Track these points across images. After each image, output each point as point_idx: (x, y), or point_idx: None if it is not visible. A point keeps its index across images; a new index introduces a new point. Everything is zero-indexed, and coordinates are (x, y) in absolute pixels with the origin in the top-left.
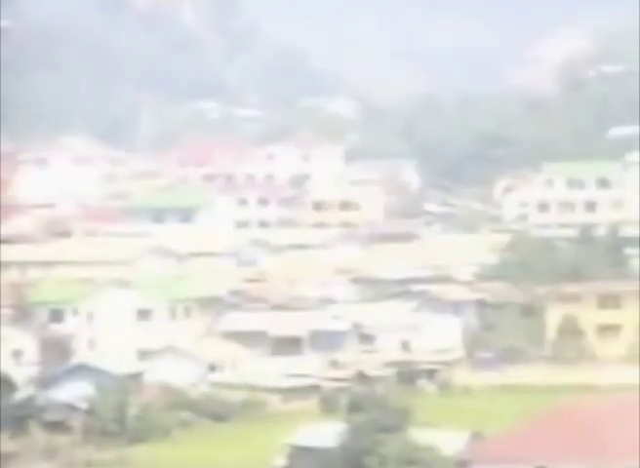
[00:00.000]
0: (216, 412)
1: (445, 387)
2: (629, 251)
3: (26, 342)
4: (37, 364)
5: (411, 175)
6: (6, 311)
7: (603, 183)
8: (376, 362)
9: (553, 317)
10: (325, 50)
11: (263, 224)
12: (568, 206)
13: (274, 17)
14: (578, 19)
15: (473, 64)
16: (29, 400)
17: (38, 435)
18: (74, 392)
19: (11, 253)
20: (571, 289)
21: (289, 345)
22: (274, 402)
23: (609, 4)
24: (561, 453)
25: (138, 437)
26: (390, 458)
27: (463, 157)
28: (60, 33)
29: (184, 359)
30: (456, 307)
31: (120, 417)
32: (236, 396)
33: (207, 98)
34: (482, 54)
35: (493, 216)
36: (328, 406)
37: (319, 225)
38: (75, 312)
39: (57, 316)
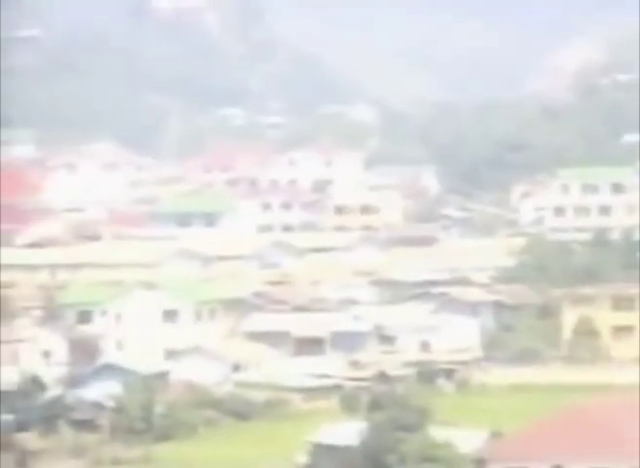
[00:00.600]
0: (240, 411)
1: (463, 386)
2: None
3: (55, 343)
4: (66, 364)
5: (429, 181)
6: (36, 312)
7: (617, 188)
8: (396, 362)
9: (569, 318)
10: (345, 58)
11: (286, 228)
12: (583, 210)
13: (296, 26)
14: (592, 28)
15: (490, 72)
16: (58, 399)
17: (67, 433)
18: (102, 391)
19: (41, 256)
20: (586, 291)
21: (311, 346)
22: (297, 401)
23: (622, 14)
24: (577, 452)
25: (164, 435)
26: (410, 456)
27: (481, 162)
28: (88, 42)
29: (209, 359)
30: (473, 309)
31: (147, 416)
32: (260, 395)
33: (231, 106)
34: (499, 62)
35: (510, 221)
36: (349, 405)
37: (340, 229)
38: (103, 313)
39: (85, 317)
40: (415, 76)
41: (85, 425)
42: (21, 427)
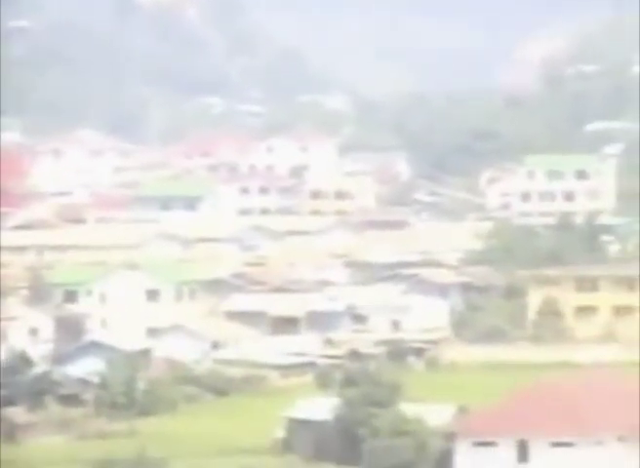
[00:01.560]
0: (219, 387)
1: (432, 364)
2: (605, 237)
3: (42, 321)
4: (52, 341)
5: (401, 167)
6: (23, 292)
7: (581, 175)
8: (368, 340)
9: (534, 299)
10: (322, 50)
11: (264, 212)
12: (548, 196)
13: (275, 19)
14: (558, 21)
15: (460, 63)
16: (45, 375)
17: (53, 408)
18: (87, 368)
19: (28, 237)
20: (550, 273)
21: (287, 325)
22: (273, 377)
23: (587, 6)
24: (541, 426)
25: (146, 410)
26: (382, 430)
27: (451, 150)
28: (74, 33)
29: (190, 337)
30: (442, 290)
31: (130, 391)
32: (238, 372)
33: (211, 94)
34: (468, 53)
35: (478, 205)
36: (323, 381)
37: (316, 213)
38: (88, 293)
39: (71, 296)
40: (388, 68)
41: (70, 400)
42: (9, 402)
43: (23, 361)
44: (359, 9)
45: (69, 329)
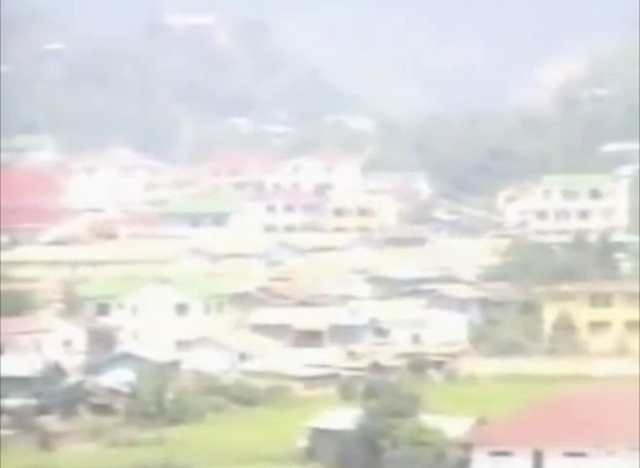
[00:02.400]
0: (245, 398)
1: (451, 377)
2: (618, 255)
3: (76, 333)
4: (85, 352)
5: (421, 186)
6: (58, 305)
7: (595, 194)
8: (389, 353)
9: (549, 314)
10: (346, 72)
11: (289, 228)
12: (563, 214)
13: (300, 42)
14: (574, 44)
15: (479, 86)
16: (78, 385)
17: (86, 416)
18: (118, 378)
19: (63, 253)
20: (566, 288)
21: (311, 338)
22: (297, 389)
23: (602, 32)
24: (556, 438)
25: (175, 419)
26: (402, 440)
27: (470, 169)
28: (107, 55)
29: (217, 349)
30: (461, 305)
31: (159, 401)
32: (263, 383)
33: (239, 115)
34: (487, 77)
35: (495, 223)
36: (346, 392)
37: (339, 230)
38: (120, 306)
39: (103, 309)
40: (410, 90)
41: (102, 409)
42: (44, 411)
43: (57, 371)
44: (382, 32)
45: (101, 340)
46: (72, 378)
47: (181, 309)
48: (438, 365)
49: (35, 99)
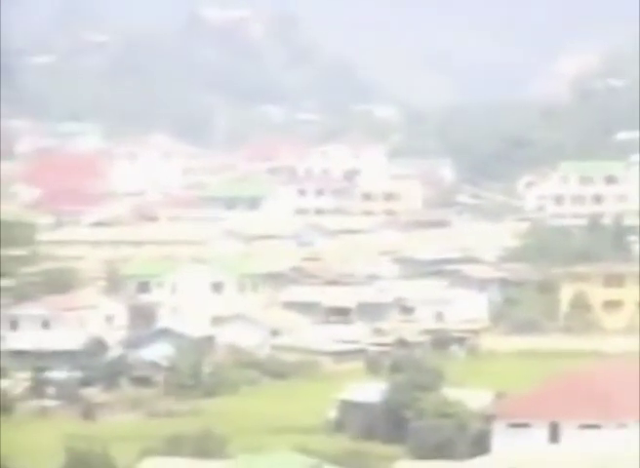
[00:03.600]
0: (276, 371)
1: (473, 352)
2: (631, 237)
3: (117, 310)
4: (126, 328)
5: (445, 171)
6: (101, 283)
7: (609, 180)
8: (414, 330)
9: (566, 293)
10: (373, 63)
11: (319, 212)
12: (579, 199)
13: (330, 34)
14: (589, 37)
15: (499, 77)
16: (119, 359)
17: (126, 388)
18: (157, 352)
19: (106, 233)
20: (581, 269)
21: (340, 315)
22: (326, 363)
23: (616, 25)
24: (572, 411)
25: (210, 391)
26: (426, 412)
27: (490, 156)
28: (148, 47)
29: (251, 325)
30: (482, 284)
31: (196, 374)
32: (294, 357)
33: (272, 103)
34: (507, 67)
35: (515, 207)
36: (372, 367)
37: (366, 213)
38: (159, 284)
39: (144, 287)
40: (434, 81)
41: (142, 381)
42: (87, 383)
43: (100, 346)
44: (409, 27)
45: (142, 316)
46: (114, 352)
47: (217, 287)
48: (460, 341)
49: (80, 89)
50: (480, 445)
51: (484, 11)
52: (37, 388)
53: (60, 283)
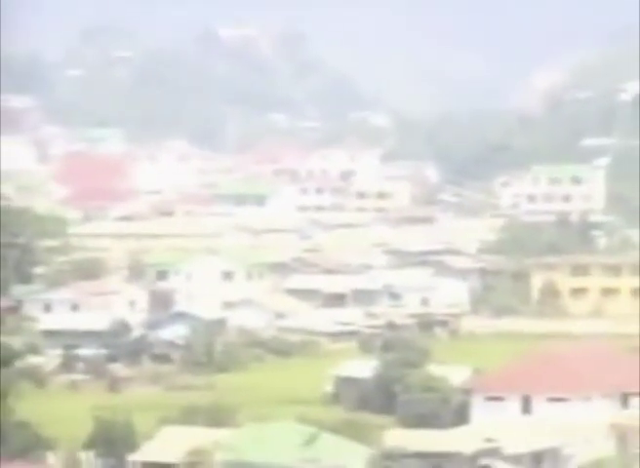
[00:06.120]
0: (281, 350)
1: (454, 334)
2: (595, 232)
3: (139, 295)
4: (147, 311)
5: (431, 173)
6: (124, 271)
7: (576, 181)
8: (402, 314)
9: (537, 282)
10: (368, 75)
11: (319, 208)
12: (549, 198)
13: (330, 49)
14: (560, 56)
15: (480, 88)
16: (141, 338)
17: (147, 365)
18: (174, 333)
19: (128, 227)
20: (551, 260)
21: (336, 300)
22: (325, 343)
23: (582, 45)
24: (541, 385)
25: (222, 367)
26: (413, 386)
27: (471, 159)
28: (167, 61)
29: (257, 309)
30: (463, 273)
31: (209, 352)
32: (296, 338)
33: (277, 112)
34: (487, 80)
35: (493, 205)
36: (365, 346)
37: (361, 210)
38: (176, 273)
39: (162, 275)
40: (423, 92)
41: (161, 358)
42: (112, 359)
43: (124, 327)
44: (401, 43)
45: (161, 301)
46: (136, 332)
47: (227, 276)
48: (443, 324)
49: (107, 98)
50: (461, 415)
51: (468, 31)
52: (67, 364)
53: (88, 271)
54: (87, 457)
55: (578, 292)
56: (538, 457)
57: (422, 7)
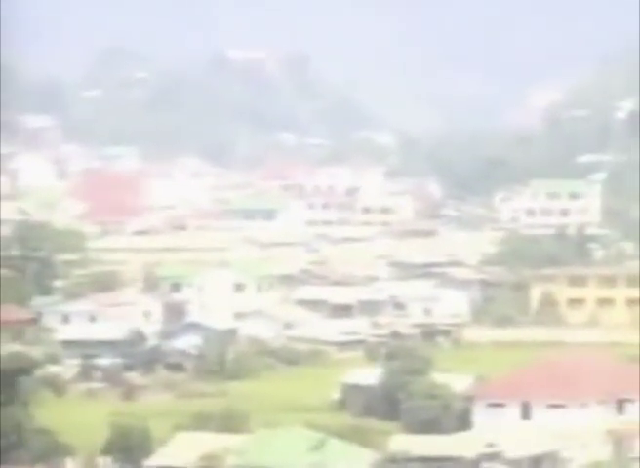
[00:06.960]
0: (290, 359)
1: (456, 343)
2: (592, 245)
3: (154, 306)
4: (161, 322)
5: (433, 188)
6: (139, 283)
7: (573, 196)
8: (406, 323)
9: (536, 292)
10: (373, 96)
11: (326, 223)
12: (548, 212)
13: (336, 70)
14: (557, 76)
15: (480, 107)
16: (155, 348)
17: (161, 373)
18: (188, 342)
19: (143, 241)
20: (549, 272)
21: (343, 310)
22: (332, 352)
23: (579, 65)
24: (540, 392)
25: (233, 375)
26: (417, 393)
27: (472, 175)
28: (181, 82)
29: (267, 319)
30: (464, 285)
31: (221, 361)
32: (304, 347)
33: (285, 131)
34: (487, 99)
35: (493, 219)
36: (371, 355)
37: (366, 224)
38: (189, 285)
39: (176, 287)
40: (425, 111)
41: (175, 367)
42: (128, 368)
43: (139, 337)
44: (404, 65)
45: (174, 312)
46: (151, 342)
47: (238, 287)
48: (446, 333)
49: (122, 118)
50: (463, 421)
51: (468, 52)
52: (85, 373)
53: (105, 283)
54: (104, 463)
55: (575, 302)
56: (537, 461)
57: (423, 29)
